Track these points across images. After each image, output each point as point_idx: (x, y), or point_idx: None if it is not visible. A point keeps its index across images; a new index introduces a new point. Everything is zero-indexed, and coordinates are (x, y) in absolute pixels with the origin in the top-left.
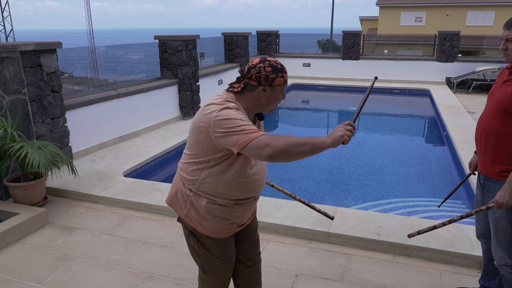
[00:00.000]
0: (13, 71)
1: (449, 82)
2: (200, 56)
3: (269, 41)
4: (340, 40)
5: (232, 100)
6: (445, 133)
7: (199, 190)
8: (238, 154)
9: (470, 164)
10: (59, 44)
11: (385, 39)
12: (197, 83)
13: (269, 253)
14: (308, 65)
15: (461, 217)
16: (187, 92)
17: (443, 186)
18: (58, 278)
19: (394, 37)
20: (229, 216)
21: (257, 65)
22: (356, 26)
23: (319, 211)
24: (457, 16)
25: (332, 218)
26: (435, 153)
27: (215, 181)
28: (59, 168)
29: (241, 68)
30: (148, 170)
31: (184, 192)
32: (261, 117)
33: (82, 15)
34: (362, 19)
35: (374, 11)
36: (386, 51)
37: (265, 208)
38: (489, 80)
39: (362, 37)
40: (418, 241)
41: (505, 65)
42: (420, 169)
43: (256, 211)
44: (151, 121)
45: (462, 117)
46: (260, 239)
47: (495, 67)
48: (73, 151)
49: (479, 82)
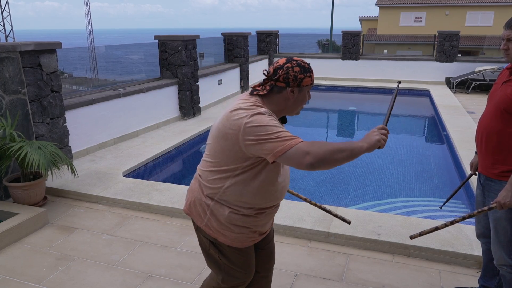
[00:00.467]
0: (13, 71)
1: (449, 82)
2: (200, 56)
3: (269, 41)
4: (340, 40)
5: (261, 104)
6: (445, 133)
7: (222, 199)
8: (273, 162)
9: (471, 165)
10: (59, 44)
11: (385, 39)
12: (197, 83)
13: None
14: None
15: (463, 218)
16: (187, 92)
17: (443, 186)
18: (58, 278)
19: (394, 37)
20: (252, 226)
21: (285, 66)
22: (356, 26)
23: (336, 216)
24: (457, 16)
25: (349, 223)
26: (435, 153)
27: (241, 190)
28: (59, 168)
29: (266, 70)
30: (148, 170)
31: (204, 201)
32: (284, 120)
33: (82, 15)
34: (362, 19)
35: (374, 11)
36: (386, 51)
37: None
38: (489, 80)
39: (362, 37)
40: (418, 241)
41: (505, 66)
42: (420, 169)
43: None
44: (151, 121)
45: (462, 117)
46: None
47: (495, 67)
48: (73, 151)
49: (479, 82)
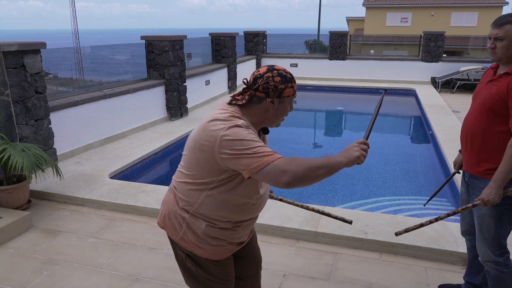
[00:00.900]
0: None
1: (434, 82)
2: (187, 57)
3: (257, 42)
4: (327, 41)
5: (239, 116)
6: (430, 132)
7: (198, 213)
8: (249, 178)
9: (455, 163)
10: (43, 45)
11: (372, 40)
12: (184, 84)
13: None
14: (296, 65)
15: (448, 215)
16: (174, 93)
17: (429, 185)
18: (43, 283)
19: (380, 38)
20: (229, 238)
21: (265, 75)
22: (343, 27)
23: (336, 218)
24: (442, 17)
25: (350, 222)
26: (421, 152)
27: (217, 204)
28: (43, 171)
29: (246, 79)
30: (135, 172)
31: (179, 214)
32: (266, 131)
33: (67, 15)
34: (349, 20)
35: (361, 12)
36: (373, 51)
37: None
38: (473, 80)
39: (349, 38)
40: (404, 239)
41: (489, 65)
42: (406, 168)
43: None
44: (138, 122)
45: (447, 116)
46: None
47: (479, 67)
48: (58, 153)
49: (463, 82)
